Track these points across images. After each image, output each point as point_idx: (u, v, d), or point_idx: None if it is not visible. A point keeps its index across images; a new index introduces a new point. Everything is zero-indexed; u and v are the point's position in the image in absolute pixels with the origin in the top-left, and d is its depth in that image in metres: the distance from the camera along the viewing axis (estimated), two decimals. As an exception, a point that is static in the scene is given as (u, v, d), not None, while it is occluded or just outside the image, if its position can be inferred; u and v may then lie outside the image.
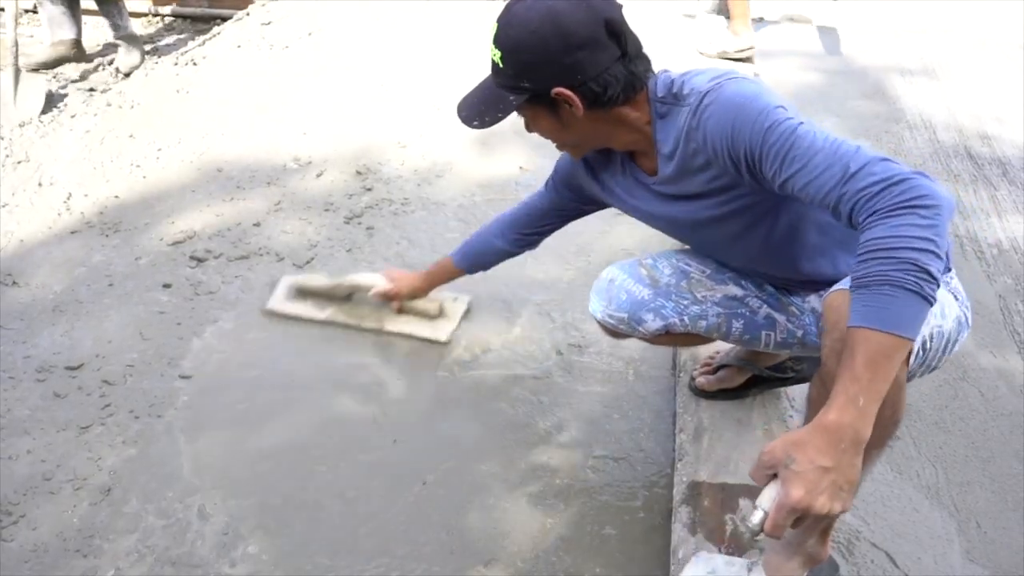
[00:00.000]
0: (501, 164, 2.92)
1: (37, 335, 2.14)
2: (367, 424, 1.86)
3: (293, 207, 2.71)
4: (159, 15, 4.87)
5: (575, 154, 1.43)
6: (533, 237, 1.78)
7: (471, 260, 1.89)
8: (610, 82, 1.22)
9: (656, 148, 1.31)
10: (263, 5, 4.50)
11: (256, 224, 2.61)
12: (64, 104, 3.51)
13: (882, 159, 1.03)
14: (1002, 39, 4.13)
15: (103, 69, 3.97)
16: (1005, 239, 2.46)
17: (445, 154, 3.01)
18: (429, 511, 1.64)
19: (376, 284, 2.07)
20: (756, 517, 0.94)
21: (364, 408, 1.90)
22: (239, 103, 3.41)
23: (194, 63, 3.81)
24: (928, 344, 1.12)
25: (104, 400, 1.93)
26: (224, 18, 4.69)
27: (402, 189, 2.80)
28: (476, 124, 1.30)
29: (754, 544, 0.97)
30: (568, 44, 1.19)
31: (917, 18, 4.42)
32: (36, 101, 3.46)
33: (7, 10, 3.46)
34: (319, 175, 2.89)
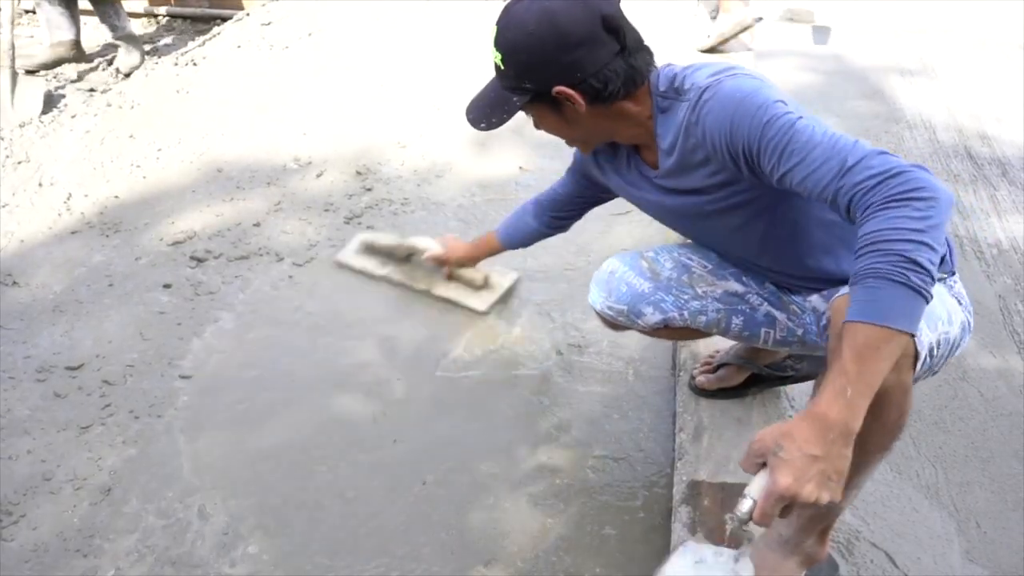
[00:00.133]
0: (501, 164, 2.92)
1: (37, 335, 2.14)
2: (367, 424, 1.86)
3: (293, 207, 2.71)
4: (155, 15, 4.87)
5: (583, 149, 1.45)
6: (562, 221, 1.83)
7: (510, 237, 1.95)
8: (610, 78, 1.22)
9: (656, 142, 1.32)
10: (263, 5, 4.50)
11: (256, 224, 2.61)
12: (64, 104, 3.52)
13: (880, 153, 1.03)
14: (1002, 39, 4.13)
15: (103, 69, 3.97)
16: (1005, 239, 2.46)
17: (445, 154, 3.02)
18: (429, 511, 1.64)
19: (431, 249, 2.18)
20: (745, 506, 0.94)
21: (364, 408, 1.90)
22: (239, 103, 3.41)
23: (194, 63, 3.81)
24: (935, 350, 1.12)
25: (104, 400, 1.93)
26: (222, 18, 4.69)
27: (402, 189, 2.80)
28: (483, 126, 1.31)
29: (743, 532, 0.97)
30: (566, 43, 1.19)
31: (916, 18, 4.42)
32: (34, 103, 3.45)
33: (3, 12, 3.45)
34: (319, 175, 2.89)
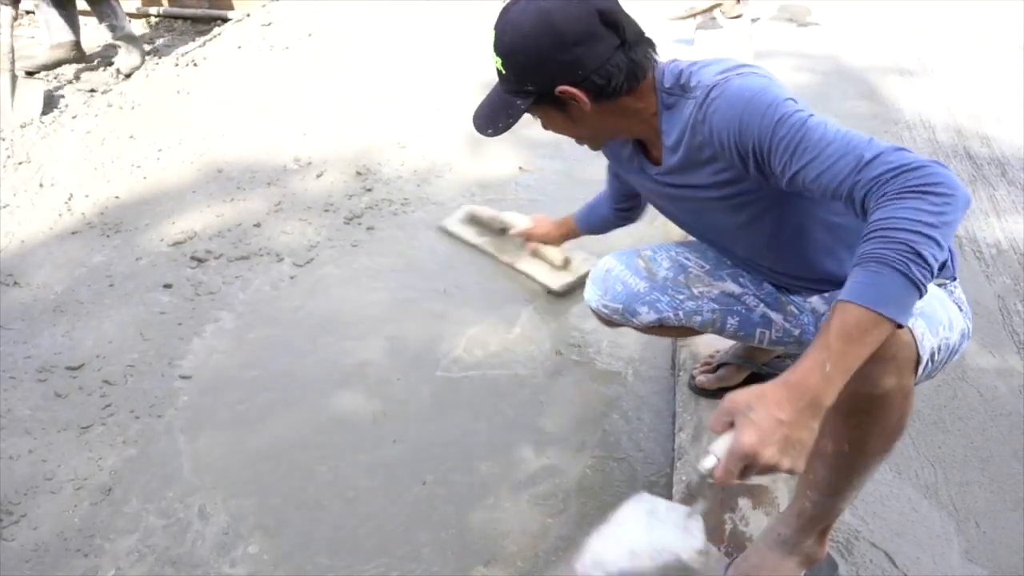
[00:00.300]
0: (501, 164, 2.92)
1: (38, 335, 2.15)
2: (367, 424, 1.86)
3: (293, 207, 2.71)
4: (147, 15, 4.86)
5: (592, 146, 1.43)
6: (625, 212, 1.82)
7: (588, 222, 1.97)
8: (613, 73, 1.21)
9: (660, 139, 1.31)
10: (264, 6, 4.51)
11: (256, 224, 2.61)
12: (65, 105, 3.52)
13: (898, 148, 1.01)
14: (1000, 39, 4.13)
15: (104, 70, 3.98)
16: (1004, 239, 2.46)
17: (445, 154, 3.02)
18: (429, 511, 1.65)
19: (520, 224, 2.25)
20: (708, 462, 0.94)
21: (364, 408, 1.90)
22: (239, 104, 3.42)
23: (194, 64, 3.82)
24: (936, 356, 1.11)
25: (105, 400, 1.93)
26: (216, 19, 4.69)
27: (402, 189, 2.80)
28: (490, 132, 1.30)
29: (704, 488, 0.96)
30: (564, 42, 1.18)
31: (915, 18, 4.42)
32: (34, 105, 3.45)
33: (2, 15, 3.45)
34: (319, 175, 2.89)
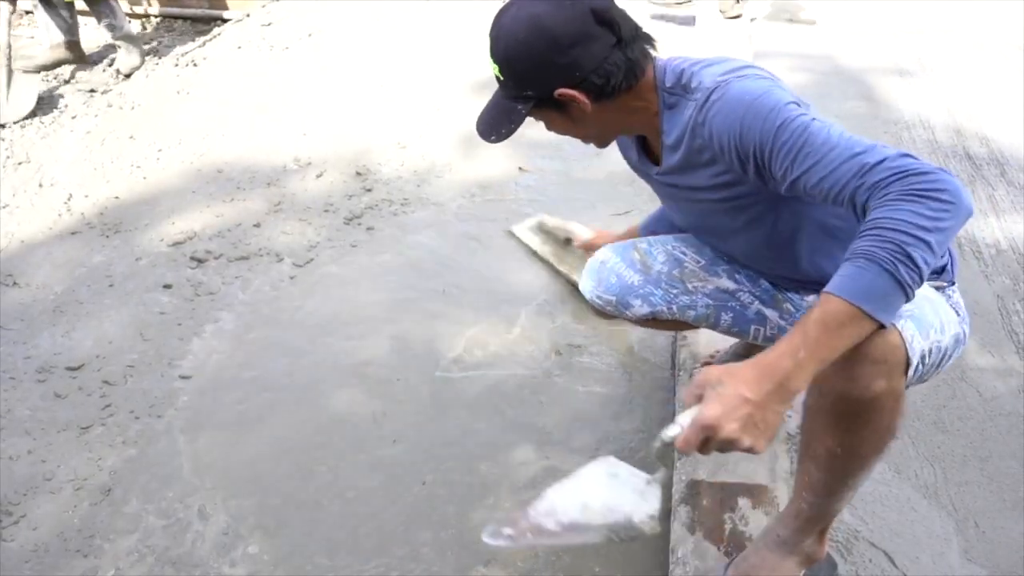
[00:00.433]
0: (500, 165, 2.92)
1: (38, 336, 2.15)
2: (367, 424, 1.86)
3: (293, 208, 2.71)
4: (147, 16, 4.86)
5: (598, 144, 1.42)
6: None
7: (651, 232, 1.86)
8: (611, 71, 1.20)
9: (661, 138, 1.30)
10: (264, 6, 4.51)
11: (256, 225, 2.61)
12: (65, 105, 3.52)
13: (903, 154, 1.00)
14: (1000, 40, 4.13)
15: (104, 70, 3.98)
16: (1003, 239, 2.47)
17: (445, 155, 3.02)
18: (429, 511, 1.65)
19: (583, 236, 2.18)
20: (672, 431, 0.96)
21: (364, 408, 1.90)
22: (239, 104, 3.42)
23: (194, 64, 3.82)
24: (927, 358, 1.11)
25: (104, 400, 1.93)
26: (216, 19, 4.69)
27: (402, 190, 2.80)
28: (494, 139, 1.29)
29: (665, 453, 0.99)
30: (559, 45, 1.18)
31: (915, 19, 4.43)
32: (28, 100, 3.48)
33: (0, 11, 3.47)
34: (319, 176, 2.89)
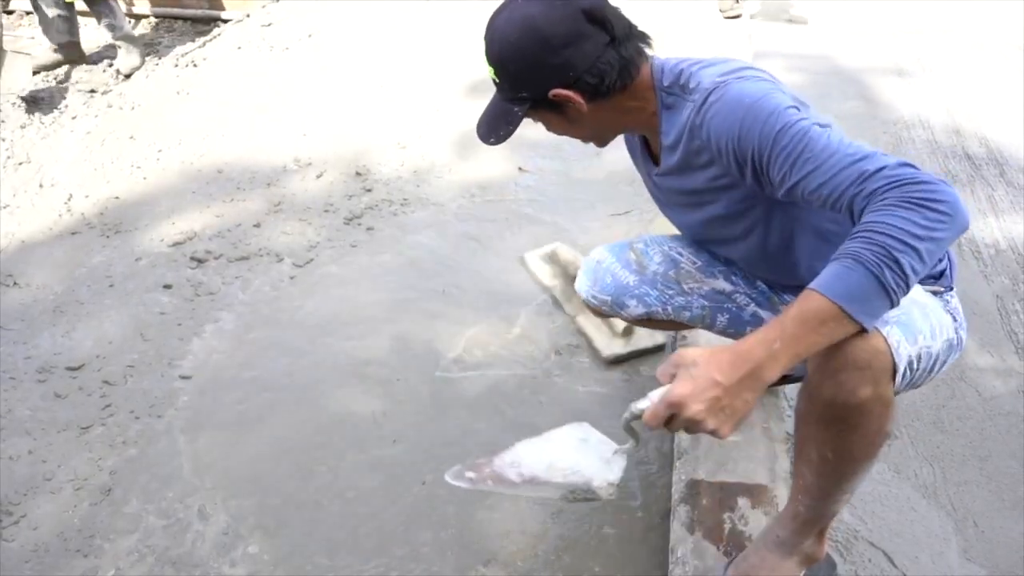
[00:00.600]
0: (500, 165, 2.93)
1: (38, 336, 2.15)
2: (367, 424, 1.86)
3: (293, 208, 2.71)
4: (147, 16, 4.86)
5: (597, 144, 1.41)
6: None
7: None
8: (605, 70, 1.20)
9: (660, 139, 1.30)
10: (264, 7, 4.51)
11: (256, 225, 2.62)
12: (65, 105, 3.53)
13: (903, 163, 0.99)
14: (1000, 40, 4.14)
15: (104, 71, 3.98)
16: (1002, 239, 2.47)
17: (445, 155, 3.02)
18: (429, 511, 1.65)
19: None
20: (641, 404, 0.98)
21: (364, 408, 1.90)
22: (239, 104, 3.42)
23: (194, 64, 3.82)
24: (916, 364, 1.10)
25: (104, 400, 1.94)
26: (214, 19, 4.69)
27: (402, 190, 2.80)
28: (493, 141, 1.29)
29: (632, 428, 1.01)
30: (551, 45, 1.17)
31: (914, 19, 4.43)
32: (20, 79, 3.55)
33: None
34: (319, 176, 2.90)
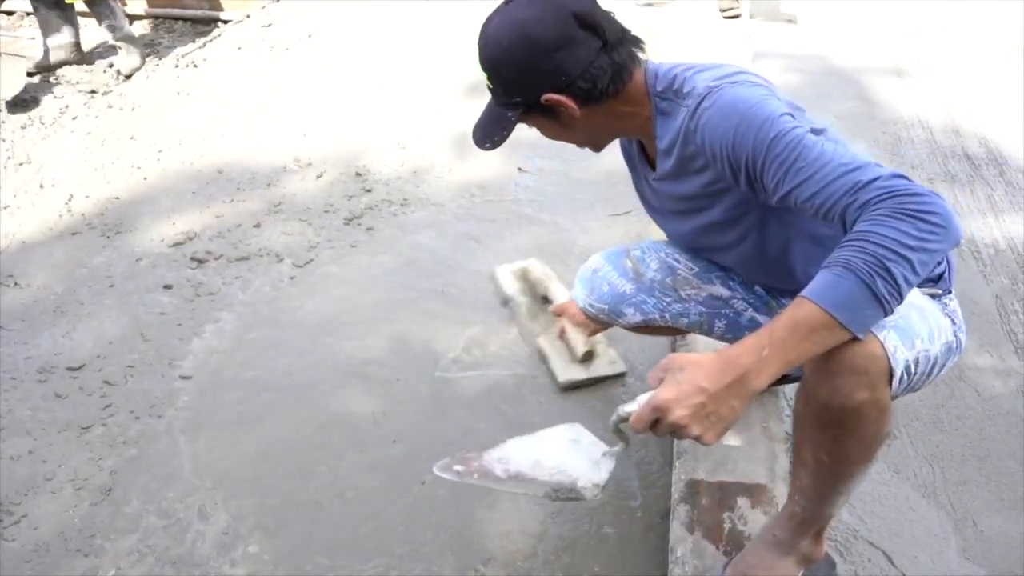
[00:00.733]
0: (500, 165, 2.93)
1: (38, 336, 2.15)
2: (367, 424, 1.86)
3: (293, 208, 2.72)
4: (147, 16, 4.86)
5: (592, 149, 1.41)
6: None
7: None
8: (598, 75, 1.20)
9: (655, 144, 1.30)
10: (263, 7, 4.52)
11: (256, 225, 2.62)
12: (65, 106, 3.53)
13: (897, 174, 0.99)
14: (1000, 40, 4.14)
15: (104, 71, 3.98)
16: (1002, 239, 2.47)
17: (444, 155, 3.03)
18: (428, 511, 1.65)
19: (559, 300, 2.03)
20: (629, 407, 0.98)
21: (364, 408, 1.91)
22: (239, 105, 3.42)
23: (194, 65, 3.83)
24: (913, 369, 1.10)
25: (105, 400, 1.94)
26: (214, 20, 4.70)
27: (402, 190, 2.81)
28: (488, 146, 1.30)
29: (620, 431, 1.03)
30: (542, 50, 1.17)
31: (914, 19, 4.43)
32: (17, 80, 3.57)
33: None
34: (319, 176, 2.90)
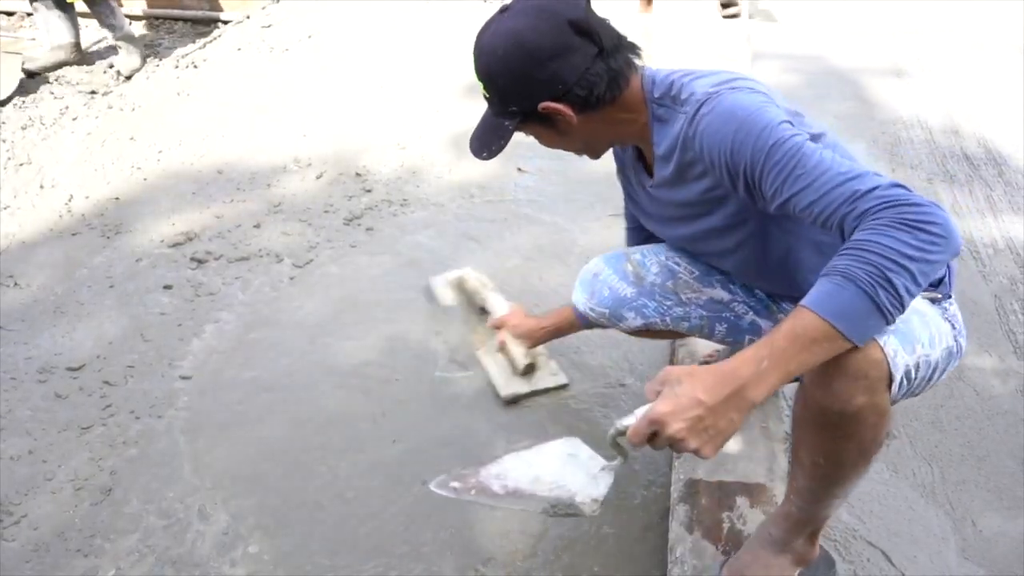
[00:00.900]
0: (499, 166, 2.93)
1: (38, 336, 2.15)
2: (367, 424, 1.87)
3: (293, 209, 2.72)
4: (129, 16, 4.86)
5: (590, 156, 1.41)
6: None
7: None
8: (594, 82, 1.19)
9: (653, 150, 1.29)
10: (263, 8, 4.52)
11: (256, 226, 2.62)
12: (66, 107, 3.53)
13: (896, 184, 0.98)
14: (999, 41, 4.15)
15: (104, 72, 3.99)
16: (1001, 239, 2.47)
17: (444, 155, 3.03)
18: (428, 511, 1.65)
19: (497, 313, 1.99)
20: (626, 421, 0.98)
21: (364, 408, 1.91)
22: (239, 105, 3.43)
23: (194, 65, 3.83)
24: (914, 373, 1.09)
25: (105, 401, 1.94)
26: (213, 20, 4.70)
27: (401, 190, 2.81)
28: (485, 156, 1.29)
29: (618, 444, 1.04)
30: (538, 58, 1.17)
31: (913, 19, 4.44)
32: (11, 80, 3.56)
33: None
34: (319, 176, 2.90)
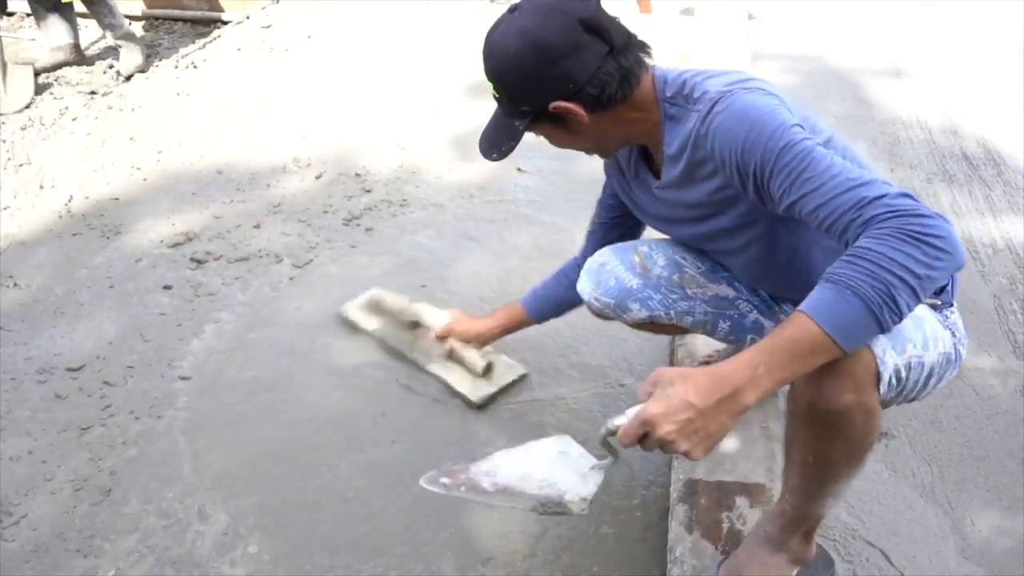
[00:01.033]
0: (499, 166, 2.93)
1: (38, 336, 2.15)
2: (367, 424, 1.87)
3: (292, 209, 2.72)
4: (128, 16, 4.86)
5: (601, 155, 1.40)
6: None
7: (542, 307, 1.78)
8: (606, 81, 1.19)
9: (663, 149, 1.28)
10: (263, 8, 4.53)
11: (256, 226, 2.62)
12: (65, 107, 3.53)
13: (903, 193, 0.98)
14: (999, 41, 4.15)
15: (104, 72, 3.99)
16: (1000, 239, 2.48)
17: (443, 156, 3.03)
18: (428, 511, 1.65)
19: (436, 324, 1.96)
20: (617, 421, 0.98)
21: (364, 408, 1.91)
22: (239, 105, 3.43)
23: (194, 66, 3.83)
24: (904, 374, 1.08)
25: (104, 401, 1.94)
26: (214, 21, 4.70)
27: (401, 191, 2.81)
28: (495, 156, 1.29)
29: (608, 443, 1.04)
30: (549, 57, 1.16)
31: (912, 20, 4.44)
32: (25, 91, 3.54)
33: None
34: (318, 177, 2.90)
